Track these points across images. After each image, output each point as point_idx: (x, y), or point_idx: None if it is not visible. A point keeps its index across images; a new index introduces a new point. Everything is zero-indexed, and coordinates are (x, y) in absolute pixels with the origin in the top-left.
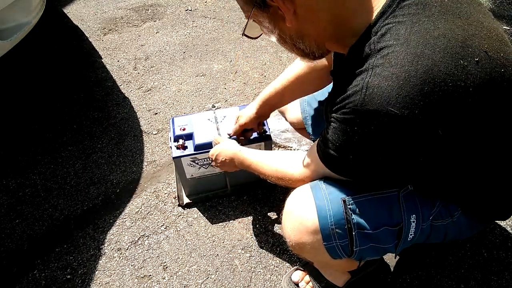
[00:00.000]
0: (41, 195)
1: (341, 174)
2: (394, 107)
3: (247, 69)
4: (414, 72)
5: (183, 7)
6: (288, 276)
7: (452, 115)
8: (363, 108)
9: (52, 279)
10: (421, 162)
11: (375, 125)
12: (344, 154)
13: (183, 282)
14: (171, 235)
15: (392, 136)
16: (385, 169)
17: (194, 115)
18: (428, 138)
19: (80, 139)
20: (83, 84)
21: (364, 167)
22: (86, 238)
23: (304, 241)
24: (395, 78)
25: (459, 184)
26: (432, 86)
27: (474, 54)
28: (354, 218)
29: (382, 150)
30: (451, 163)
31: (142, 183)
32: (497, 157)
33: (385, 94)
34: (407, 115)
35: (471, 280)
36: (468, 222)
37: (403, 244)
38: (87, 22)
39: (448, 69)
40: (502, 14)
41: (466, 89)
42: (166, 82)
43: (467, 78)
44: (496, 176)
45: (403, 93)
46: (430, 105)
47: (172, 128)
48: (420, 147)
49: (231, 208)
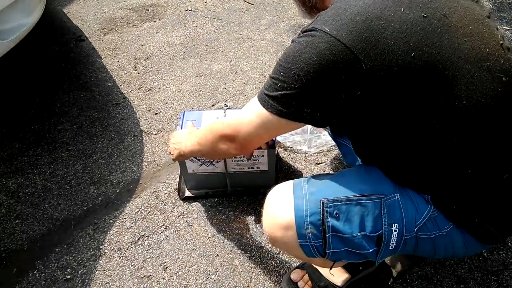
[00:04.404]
0: (41, 195)
1: (276, 111)
2: (327, 26)
3: (247, 69)
4: (354, 5)
5: (183, 7)
6: (288, 275)
7: (379, 53)
8: (306, 28)
9: (52, 279)
10: (353, 100)
11: (311, 38)
12: (279, 80)
13: (183, 282)
14: (171, 235)
15: (321, 54)
16: (321, 103)
17: (204, 111)
18: (352, 69)
19: (80, 139)
20: (83, 84)
21: (300, 95)
22: (86, 238)
23: (277, 236)
24: (337, 8)
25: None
26: (364, 18)
27: (423, 9)
28: (329, 220)
29: (310, 69)
30: (392, 130)
31: (142, 183)
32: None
33: (325, 18)
34: (335, 35)
35: (471, 280)
36: (463, 239)
37: (384, 253)
38: (87, 22)
39: (386, 10)
40: (502, 14)
41: (399, 31)
42: (166, 82)
43: (403, 22)
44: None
45: (337, 18)
46: (358, 34)
47: (181, 121)
48: (346, 78)
49: (231, 208)
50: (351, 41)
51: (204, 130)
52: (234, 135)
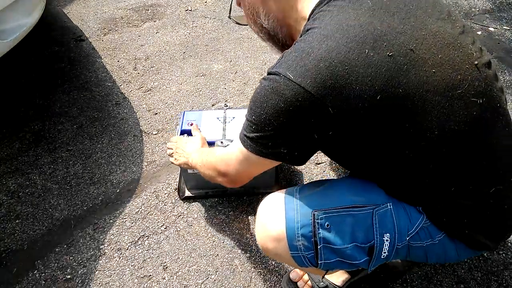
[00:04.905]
0: (41, 195)
1: (255, 151)
2: (291, 73)
3: (247, 69)
4: (317, 49)
5: (183, 7)
6: (288, 275)
7: (344, 98)
8: (271, 70)
9: (52, 279)
10: (319, 139)
11: (275, 84)
12: (253, 123)
13: (183, 282)
14: (171, 235)
15: (287, 101)
16: (291, 139)
17: (204, 111)
18: (320, 114)
19: (80, 139)
20: (83, 84)
21: (273, 137)
22: (86, 238)
23: (269, 247)
24: (300, 51)
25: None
26: (328, 64)
27: (388, 47)
28: (320, 232)
29: (279, 115)
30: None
31: (142, 183)
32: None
33: (289, 61)
34: (299, 83)
35: (471, 280)
36: (455, 247)
37: (376, 262)
38: (87, 22)
39: (350, 54)
40: (502, 14)
41: (363, 76)
42: (166, 82)
43: (368, 66)
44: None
45: (301, 63)
46: (322, 81)
47: (181, 122)
48: (315, 121)
49: (231, 208)
50: (316, 89)
51: (206, 158)
52: (225, 171)
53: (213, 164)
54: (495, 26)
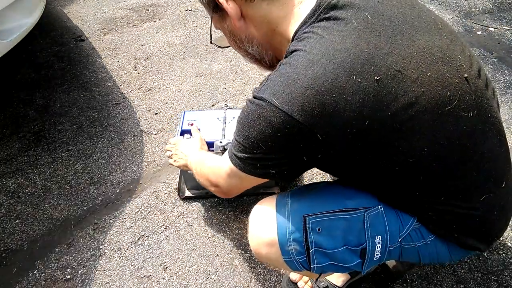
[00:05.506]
0: (41, 195)
1: (244, 170)
2: (277, 100)
3: (247, 69)
4: (303, 75)
5: (183, 7)
6: (288, 275)
7: (333, 125)
8: (256, 94)
9: (52, 279)
10: (308, 161)
11: (262, 110)
12: (241, 144)
13: (183, 282)
14: (171, 235)
15: (274, 128)
16: (277, 162)
17: (204, 111)
18: (308, 139)
19: (80, 139)
20: (83, 84)
21: (259, 159)
22: (86, 238)
23: (262, 252)
24: (286, 76)
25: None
26: (315, 92)
27: (375, 71)
28: (312, 236)
29: (267, 140)
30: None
31: (142, 183)
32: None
33: (275, 87)
34: (286, 111)
35: (471, 280)
36: (447, 247)
37: (369, 264)
38: (87, 22)
39: (337, 81)
40: (502, 14)
41: (351, 103)
42: (166, 82)
43: (355, 93)
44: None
45: (287, 91)
46: (310, 109)
47: (181, 122)
48: (303, 145)
49: (231, 208)
50: (303, 117)
51: (200, 167)
52: (216, 183)
53: (206, 174)
54: (495, 26)
